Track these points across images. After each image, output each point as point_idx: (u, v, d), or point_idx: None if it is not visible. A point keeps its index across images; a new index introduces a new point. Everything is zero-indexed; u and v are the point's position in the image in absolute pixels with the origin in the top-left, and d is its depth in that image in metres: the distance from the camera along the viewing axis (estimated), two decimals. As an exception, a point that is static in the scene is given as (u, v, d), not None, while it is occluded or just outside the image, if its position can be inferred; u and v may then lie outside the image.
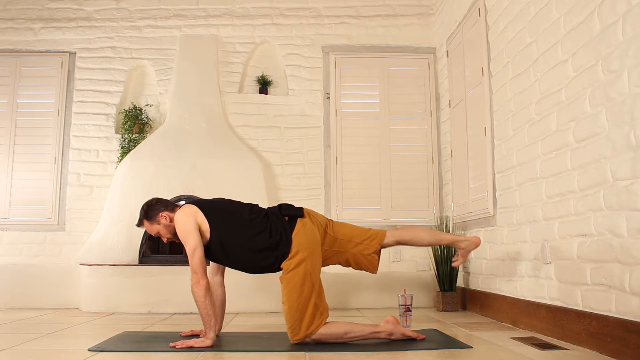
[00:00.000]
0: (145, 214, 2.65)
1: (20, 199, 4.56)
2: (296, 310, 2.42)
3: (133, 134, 4.58)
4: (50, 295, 4.30)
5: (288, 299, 2.44)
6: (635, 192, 2.04)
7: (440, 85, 4.71)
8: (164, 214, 2.61)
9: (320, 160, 4.68)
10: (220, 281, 2.81)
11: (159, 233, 2.65)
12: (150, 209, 2.64)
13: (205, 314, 2.44)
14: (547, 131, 2.73)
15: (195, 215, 2.54)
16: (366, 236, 2.72)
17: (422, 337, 2.57)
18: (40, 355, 2.29)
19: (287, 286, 2.46)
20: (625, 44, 2.11)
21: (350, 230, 2.74)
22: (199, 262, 2.44)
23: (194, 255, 2.44)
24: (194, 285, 2.43)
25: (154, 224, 2.63)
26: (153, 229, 2.64)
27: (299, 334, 2.43)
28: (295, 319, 2.42)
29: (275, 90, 4.83)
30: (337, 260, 2.74)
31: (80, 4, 4.84)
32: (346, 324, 2.53)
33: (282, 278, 2.50)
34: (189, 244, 2.47)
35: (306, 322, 2.42)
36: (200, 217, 2.54)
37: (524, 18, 3.00)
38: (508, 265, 3.25)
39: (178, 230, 2.54)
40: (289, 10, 4.87)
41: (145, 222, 2.65)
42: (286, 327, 2.48)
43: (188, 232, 2.48)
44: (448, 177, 4.47)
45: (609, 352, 2.17)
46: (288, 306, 2.44)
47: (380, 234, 2.74)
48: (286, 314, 2.45)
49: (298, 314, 2.42)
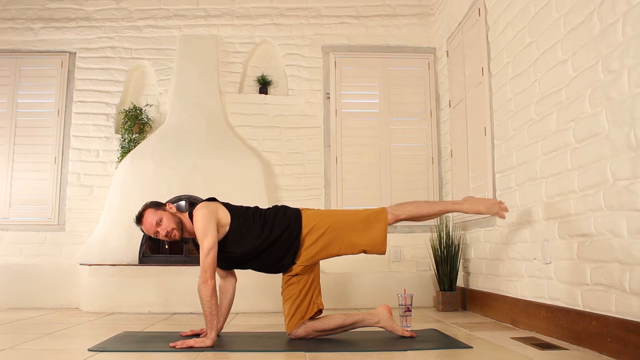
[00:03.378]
0: (152, 203, 2.65)
1: (20, 199, 4.56)
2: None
3: (133, 134, 4.58)
4: (50, 295, 4.30)
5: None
6: (635, 192, 2.04)
7: (440, 85, 4.71)
8: (171, 205, 2.66)
9: (320, 160, 4.68)
10: (233, 283, 2.82)
11: (160, 223, 2.55)
12: (156, 201, 2.70)
13: (209, 314, 2.44)
14: (547, 131, 2.73)
15: (216, 211, 2.55)
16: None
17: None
18: (40, 355, 2.29)
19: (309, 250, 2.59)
20: (625, 44, 2.11)
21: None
22: (212, 262, 2.44)
23: (208, 255, 2.44)
24: (201, 284, 2.43)
25: (159, 211, 2.58)
26: (156, 215, 2.55)
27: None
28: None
29: (275, 90, 4.84)
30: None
31: (80, 4, 4.84)
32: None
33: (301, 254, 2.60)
34: (206, 242, 2.45)
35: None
36: (222, 212, 2.57)
37: (524, 18, 3.00)
38: (508, 265, 3.25)
39: (197, 227, 2.50)
40: (289, 10, 4.87)
41: (149, 210, 2.59)
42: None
43: (208, 230, 2.47)
44: (448, 177, 4.47)
45: (609, 352, 2.17)
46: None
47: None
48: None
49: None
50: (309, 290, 2.60)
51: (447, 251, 3.98)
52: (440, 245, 4.01)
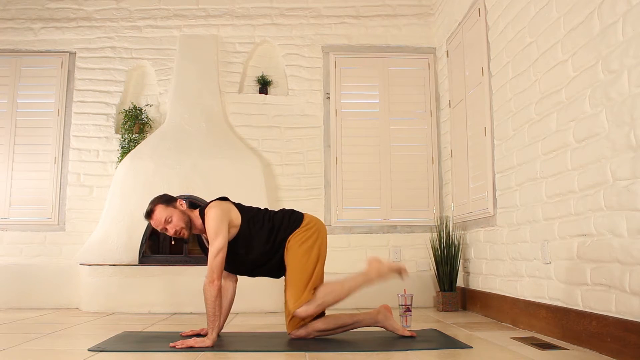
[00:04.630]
0: (161, 198, 2.62)
1: (20, 199, 4.56)
2: (303, 271, 2.52)
3: (133, 134, 4.58)
4: (50, 295, 4.30)
5: (298, 261, 2.54)
6: (635, 192, 2.04)
7: (440, 85, 4.71)
8: (182, 202, 2.64)
9: (320, 160, 4.68)
10: (233, 283, 2.82)
11: (169, 221, 2.54)
12: (167, 195, 2.67)
13: (212, 314, 2.45)
14: (547, 131, 2.73)
15: (229, 211, 2.57)
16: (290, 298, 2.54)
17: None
18: (40, 355, 2.29)
19: (297, 251, 2.56)
20: (625, 44, 2.11)
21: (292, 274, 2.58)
22: (220, 263, 2.45)
23: (217, 255, 2.44)
24: (207, 284, 2.43)
25: (170, 208, 2.56)
26: (166, 212, 2.54)
27: (301, 298, 2.49)
28: (300, 283, 2.50)
29: (275, 90, 4.83)
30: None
31: (80, 4, 4.84)
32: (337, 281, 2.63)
33: (290, 246, 2.59)
34: (217, 242, 2.46)
35: (310, 286, 2.51)
36: (234, 212, 2.59)
37: (524, 18, 3.00)
38: (508, 265, 3.25)
39: (210, 226, 2.49)
40: (289, 10, 4.87)
41: (160, 206, 2.56)
42: (288, 296, 2.53)
43: (220, 231, 2.47)
44: (448, 177, 4.47)
45: (609, 352, 2.17)
46: (299, 271, 2.53)
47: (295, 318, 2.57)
48: (291, 278, 2.54)
49: (305, 277, 2.51)
50: None
51: (447, 251, 3.98)
52: (440, 245, 4.01)
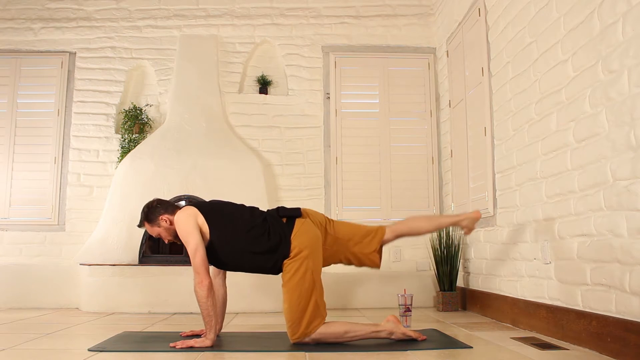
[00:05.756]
0: (146, 217, 2.65)
1: (20, 199, 4.56)
2: (297, 308, 2.42)
3: (133, 134, 4.58)
4: (50, 295, 4.30)
5: (289, 297, 2.44)
6: (635, 192, 2.04)
7: (440, 85, 4.71)
8: (164, 217, 2.62)
9: (320, 160, 4.68)
10: (222, 282, 2.82)
11: (160, 235, 2.67)
12: (150, 212, 2.64)
13: (206, 314, 2.44)
14: (547, 131, 2.73)
15: (195, 216, 2.55)
16: (366, 234, 2.73)
17: (423, 338, 2.56)
18: (40, 355, 2.29)
19: (288, 284, 2.46)
20: (625, 44, 2.11)
21: (350, 229, 2.75)
22: (201, 262, 2.44)
23: (195, 256, 2.44)
24: (196, 285, 2.43)
25: (155, 227, 2.64)
26: (154, 231, 2.66)
27: (298, 332, 2.43)
28: (295, 318, 2.42)
29: (275, 90, 4.84)
30: (339, 259, 2.74)
31: (80, 4, 4.84)
32: (346, 323, 2.54)
33: (283, 276, 2.51)
34: (190, 244, 2.48)
35: (306, 321, 2.42)
36: (201, 220, 2.55)
37: (524, 18, 3.00)
38: (508, 265, 3.25)
39: (179, 231, 2.55)
40: (289, 10, 4.87)
41: (146, 224, 2.67)
42: (286, 326, 2.48)
43: (189, 233, 2.49)
44: (448, 177, 4.47)
45: (609, 352, 2.17)
46: (288, 304, 2.44)
47: (380, 231, 2.75)
48: (286, 313, 2.46)
49: (298, 313, 2.42)
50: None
51: (447, 251, 3.98)
52: (440, 245, 4.01)
